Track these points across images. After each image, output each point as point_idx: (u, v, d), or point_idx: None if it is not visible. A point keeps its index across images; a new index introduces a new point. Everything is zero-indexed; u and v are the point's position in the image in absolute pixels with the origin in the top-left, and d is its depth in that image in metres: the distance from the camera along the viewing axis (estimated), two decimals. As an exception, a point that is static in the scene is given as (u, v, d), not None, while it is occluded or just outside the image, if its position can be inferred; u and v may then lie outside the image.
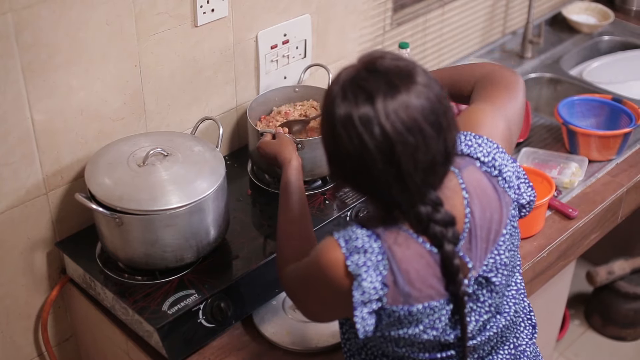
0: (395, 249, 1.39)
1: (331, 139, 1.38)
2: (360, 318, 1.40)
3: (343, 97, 1.34)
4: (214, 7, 2.04)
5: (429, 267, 1.40)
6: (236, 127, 2.27)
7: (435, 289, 1.41)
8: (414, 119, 1.32)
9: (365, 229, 1.41)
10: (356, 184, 1.42)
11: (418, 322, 1.43)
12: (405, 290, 1.39)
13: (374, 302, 1.40)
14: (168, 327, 1.75)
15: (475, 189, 1.47)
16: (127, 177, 1.80)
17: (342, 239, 1.41)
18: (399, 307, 1.40)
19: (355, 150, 1.34)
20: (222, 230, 1.90)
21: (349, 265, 1.39)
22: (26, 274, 1.96)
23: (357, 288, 1.39)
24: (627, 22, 3.31)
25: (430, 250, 1.41)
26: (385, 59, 1.36)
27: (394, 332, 1.44)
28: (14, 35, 1.71)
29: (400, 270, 1.39)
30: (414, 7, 2.66)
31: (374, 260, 1.39)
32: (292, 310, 1.92)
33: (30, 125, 1.82)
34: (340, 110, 1.34)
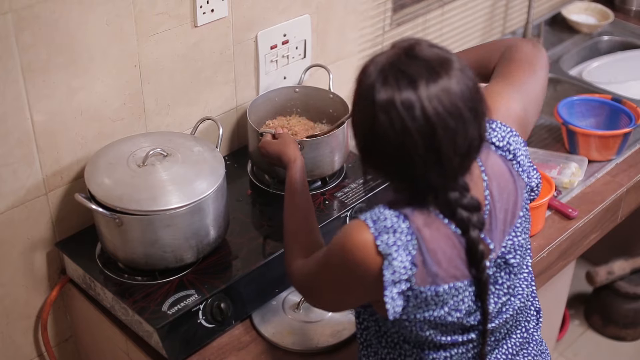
0: (424, 230, 1.40)
1: (369, 124, 1.36)
2: (390, 298, 1.40)
3: (384, 81, 1.34)
4: (213, 7, 2.04)
5: (455, 248, 1.42)
6: (236, 127, 2.27)
7: (460, 269, 1.43)
8: (455, 104, 1.33)
9: (393, 210, 1.42)
10: (391, 171, 1.41)
11: (444, 303, 1.44)
12: (433, 270, 1.40)
13: (403, 282, 1.40)
14: (168, 327, 1.75)
15: (493, 172, 1.49)
16: (126, 177, 1.80)
17: (370, 219, 1.41)
18: (427, 288, 1.41)
19: (396, 135, 1.33)
20: (222, 231, 1.91)
21: (379, 245, 1.39)
22: (26, 274, 1.96)
23: (388, 267, 1.39)
24: (627, 22, 3.31)
25: (455, 231, 1.42)
26: (422, 45, 1.37)
27: (419, 315, 1.45)
28: (14, 35, 1.71)
29: (428, 250, 1.40)
30: (414, 7, 2.66)
31: (403, 240, 1.39)
32: (292, 311, 1.92)
33: (30, 125, 1.82)
34: (382, 95, 1.33)
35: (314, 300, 1.61)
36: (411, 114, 1.32)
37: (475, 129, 1.36)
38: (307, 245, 1.66)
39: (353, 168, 2.22)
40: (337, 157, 2.12)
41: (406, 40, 1.39)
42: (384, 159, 1.40)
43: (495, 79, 1.67)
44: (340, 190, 2.13)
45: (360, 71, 1.40)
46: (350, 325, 1.88)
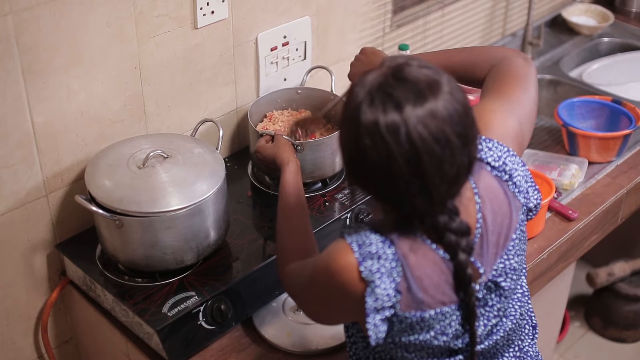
0: (410, 256, 1.38)
1: (354, 145, 1.34)
2: (373, 325, 1.38)
3: (370, 103, 1.31)
4: (213, 9, 2.04)
5: (442, 273, 1.39)
6: (236, 129, 2.27)
7: (447, 295, 1.40)
8: (441, 129, 1.29)
9: (379, 235, 1.39)
10: (376, 192, 1.39)
11: (429, 328, 1.41)
12: (419, 296, 1.38)
13: (387, 309, 1.38)
14: (168, 329, 1.75)
15: (487, 193, 1.45)
16: (127, 179, 1.80)
17: (355, 243, 1.39)
18: (412, 314, 1.39)
19: (380, 159, 1.30)
20: (222, 232, 1.90)
21: (362, 271, 1.36)
22: (26, 276, 1.96)
23: (371, 294, 1.36)
24: (627, 24, 3.31)
25: (444, 257, 1.39)
26: (412, 66, 1.33)
27: (404, 338, 1.43)
28: (14, 37, 1.71)
29: (413, 277, 1.37)
30: (414, 9, 2.66)
31: (387, 267, 1.36)
32: (292, 312, 1.92)
33: (30, 127, 1.82)
34: (367, 117, 1.30)
35: (304, 308, 1.58)
36: (396, 138, 1.29)
37: (464, 155, 1.33)
38: (300, 249, 1.63)
39: (353, 170, 2.22)
40: (338, 159, 2.11)
41: (396, 59, 1.36)
42: (368, 181, 1.37)
43: (488, 95, 1.64)
44: (340, 191, 2.13)
45: (348, 90, 1.38)
46: (350, 326, 1.88)
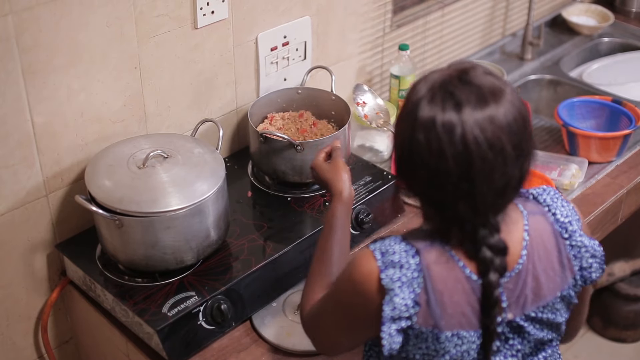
0: (433, 268, 1.36)
1: (408, 140, 1.34)
2: (388, 334, 1.37)
3: (430, 99, 1.31)
4: (214, 9, 2.04)
5: (465, 293, 1.37)
6: (236, 129, 2.27)
7: (466, 317, 1.38)
8: (498, 136, 1.29)
9: (405, 243, 1.38)
10: (422, 192, 1.38)
11: (445, 352, 1.39)
12: (437, 312, 1.36)
13: (403, 319, 1.36)
14: (168, 329, 1.75)
15: (537, 238, 1.43)
16: (127, 179, 1.80)
17: (379, 251, 1.38)
18: (428, 330, 1.37)
19: (431, 157, 1.30)
20: (222, 232, 1.91)
21: (383, 279, 1.36)
22: (26, 276, 1.96)
23: (388, 303, 1.35)
24: (627, 24, 3.31)
25: (469, 276, 1.38)
26: (477, 70, 1.33)
27: (418, 356, 1.41)
28: (14, 37, 1.71)
29: (434, 290, 1.36)
30: (414, 9, 2.66)
31: (409, 277, 1.35)
32: (293, 312, 1.92)
33: (30, 127, 1.82)
34: (424, 113, 1.30)
35: (320, 337, 1.55)
36: (450, 138, 1.28)
37: (515, 167, 1.32)
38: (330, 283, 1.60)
39: (353, 170, 2.22)
40: (338, 159, 2.11)
41: (463, 63, 1.35)
42: (416, 179, 1.36)
43: None
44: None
45: (412, 86, 1.38)
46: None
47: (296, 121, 2.21)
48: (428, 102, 1.31)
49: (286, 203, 2.09)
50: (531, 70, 3.01)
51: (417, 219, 2.22)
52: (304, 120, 2.22)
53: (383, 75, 2.65)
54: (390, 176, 2.19)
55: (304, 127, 2.19)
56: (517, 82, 2.96)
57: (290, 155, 2.05)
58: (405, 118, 1.35)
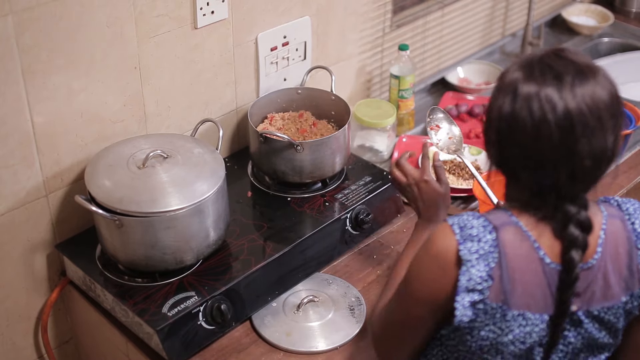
0: (509, 245, 1.40)
1: (507, 113, 1.37)
2: (461, 305, 1.40)
3: (529, 73, 1.36)
4: (213, 9, 2.04)
5: (536, 275, 1.40)
6: (236, 129, 2.27)
7: (534, 299, 1.41)
8: (597, 105, 1.34)
9: (483, 219, 1.42)
10: (519, 164, 1.40)
11: (509, 331, 1.42)
12: (508, 288, 1.39)
13: (476, 292, 1.39)
14: (168, 329, 1.75)
15: (612, 239, 1.46)
16: (127, 179, 1.80)
17: (457, 225, 1.42)
18: (497, 305, 1.40)
19: (533, 126, 1.34)
20: (222, 232, 1.90)
21: (461, 250, 1.39)
22: (26, 276, 1.96)
23: (465, 273, 1.39)
24: (627, 24, 3.31)
25: (543, 258, 1.40)
26: (571, 50, 1.40)
27: (484, 333, 1.43)
28: (14, 37, 1.71)
29: (508, 267, 1.39)
30: (414, 9, 2.66)
31: (485, 250, 1.39)
32: (292, 312, 1.92)
33: (30, 127, 1.82)
34: (525, 87, 1.36)
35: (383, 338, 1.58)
36: (552, 106, 1.33)
37: (611, 138, 1.37)
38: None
39: (353, 170, 2.22)
40: (338, 159, 2.12)
41: (556, 46, 1.42)
42: (515, 151, 1.39)
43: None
44: (340, 192, 2.13)
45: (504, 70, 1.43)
46: (349, 327, 1.88)
47: (296, 121, 2.21)
48: (527, 75, 1.36)
49: (286, 203, 2.09)
50: (531, 71, 3.01)
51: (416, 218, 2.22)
52: (304, 120, 2.22)
53: (383, 75, 2.65)
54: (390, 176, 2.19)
55: (303, 127, 2.20)
56: (517, 82, 2.96)
57: (290, 156, 2.05)
58: (504, 92, 1.39)
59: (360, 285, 2.01)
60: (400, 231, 2.18)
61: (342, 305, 1.94)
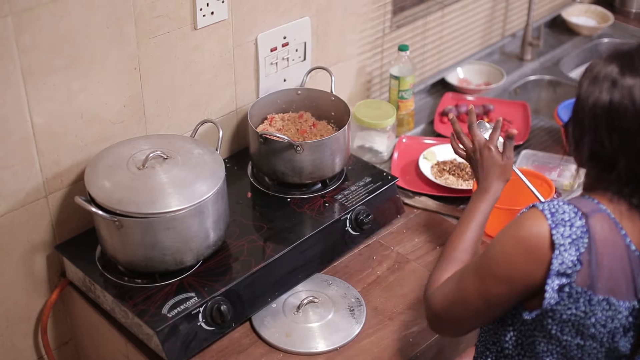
0: (597, 231, 1.43)
1: (607, 100, 1.42)
2: (551, 288, 1.42)
3: (629, 64, 1.42)
4: (213, 9, 2.04)
5: (621, 262, 1.43)
6: (236, 129, 2.27)
7: (618, 285, 1.43)
8: None
9: (573, 205, 1.44)
10: (620, 148, 1.44)
11: (592, 314, 1.44)
12: (595, 273, 1.42)
13: (565, 276, 1.42)
14: (168, 330, 1.75)
15: None
16: (126, 180, 1.80)
17: (548, 211, 1.44)
18: (583, 290, 1.42)
19: (635, 111, 1.40)
20: (222, 233, 1.90)
21: (554, 235, 1.42)
22: (26, 277, 1.96)
23: (557, 257, 1.41)
24: (627, 24, 3.31)
25: (629, 245, 1.44)
26: None
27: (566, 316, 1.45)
28: (14, 37, 1.71)
29: (597, 252, 1.42)
30: (414, 10, 2.66)
31: (577, 235, 1.42)
32: (292, 313, 1.91)
33: (30, 128, 1.82)
34: (624, 77, 1.41)
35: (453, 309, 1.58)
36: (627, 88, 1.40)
37: None
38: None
39: (353, 170, 2.22)
40: (338, 160, 2.12)
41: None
42: (614, 139, 1.43)
43: None
44: (340, 192, 2.13)
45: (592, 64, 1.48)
46: (349, 328, 1.88)
47: (296, 122, 2.21)
48: (627, 66, 1.43)
49: (286, 204, 2.09)
50: (531, 71, 3.01)
51: (416, 219, 2.22)
52: (304, 121, 2.22)
53: (383, 76, 2.65)
54: (390, 177, 2.19)
55: (303, 127, 2.20)
56: (516, 82, 2.96)
57: (290, 156, 2.05)
58: (600, 82, 1.44)
59: (360, 286, 2.01)
60: (400, 232, 2.18)
61: (342, 306, 1.94)
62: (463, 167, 2.40)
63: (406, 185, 2.34)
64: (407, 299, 1.97)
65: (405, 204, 2.25)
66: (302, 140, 2.14)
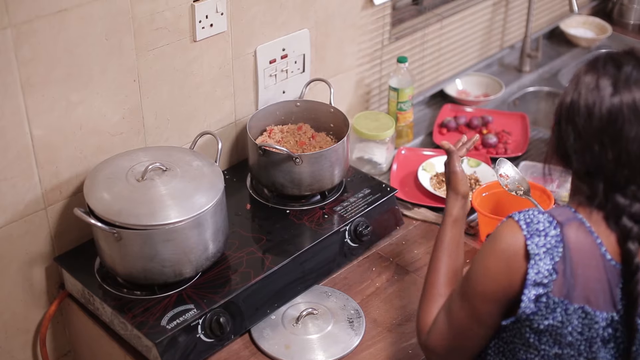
0: (572, 241, 1.43)
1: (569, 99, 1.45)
2: (527, 298, 1.42)
3: (593, 65, 1.45)
4: (212, 22, 2.04)
5: (597, 270, 1.43)
6: (235, 141, 2.28)
7: (594, 294, 1.43)
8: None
9: (547, 215, 1.45)
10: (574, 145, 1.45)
11: (569, 323, 1.44)
12: (571, 282, 1.42)
13: (542, 286, 1.42)
14: (167, 342, 1.74)
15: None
16: (125, 191, 1.80)
17: (523, 221, 1.45)
18: (560, 299, 1.42)
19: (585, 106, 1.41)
20: (221, 245, 1.90)
21: (529, 245, 1.42)
22: (25, 289, 1.96)
23: (533, 267, 1.42)
24: (625, 36, 3.32)
25: (604, 255, 1.43)
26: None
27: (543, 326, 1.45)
28: (13, 50, 1.71)
29: (571, 261, 1.42)
30: (412, 22, 2.66)
31: (552, 244, 1.42)
32: (291, 325, 1.91)
33: (29, 140, 1.82)
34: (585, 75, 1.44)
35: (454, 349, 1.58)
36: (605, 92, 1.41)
37: None
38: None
39: (352, 182, 2.22)
40: (337, 171, 2.12)
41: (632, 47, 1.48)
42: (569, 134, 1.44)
43: None
44: (339, 204, 2.13)
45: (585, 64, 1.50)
46: (348, 340, 1.88)
47: (295, 134, 2.22)
48: (590, 67, 1.45)
49: (285, 215, 2.09)
50: (529, 82, 3.01)
51: (415, 230, 2.22)
52: (303, 132, 2.22)
53: (381, 87, 2.65)
54: (389, 188, 2.19)
55: (302, 139, 2.20)
56: (515, 94, 2.97)
57: (289, 168, 2.05)
58: (569, 85, 1.47)
59: (360, 297, 2.01)
60: (400, 243, 2.18)
61: (341, 317, 1.94)
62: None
63: (405, 196, 2.34)
64: (406, 311, 1.97)
65: (404, 215, 2.25)
66: (301, 152, 2.14)
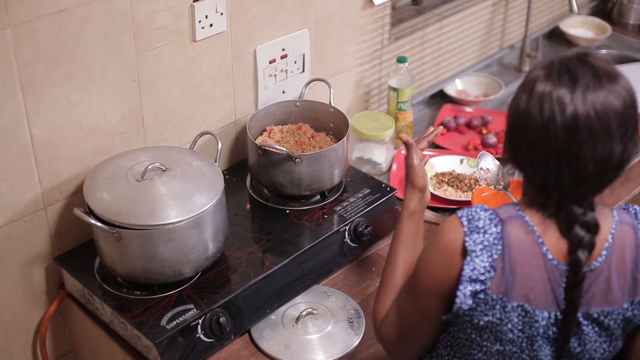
0: (513, 239, 1.44)
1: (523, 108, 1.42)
2: (462, 294, 1.43)
3: (548, 74, 1.41)
4: (212, 22, 2.04)
5: (538, 269, 1.43)
6: (235, 141, 2.28)
7: (534, 293, 1.44)
8: (606, 113, 1.37)
9: (490, 212, 1.46)
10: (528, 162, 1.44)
11: (508, 320, 1.45)
12: (509, 280, 1.43)
13: (479, 282, 1.43)
14: (167, 341, 1.74)
15: (619, 244, 1.48)
16: (125, 191, 1.80)
17: (465, 217, 1.46)
18: (498, 297, 1.43)
19: (542, 124, 1.38)
20: (221, 245, 1.90)
21: (467, 242, 1.44)
22: (24, 289, 1.96)
23: (469, 263, 1.43)
24: (624, 36, 3.32)
25: (545, 254, 1.44)
26: (596, 57, 1.43)
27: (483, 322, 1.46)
28: (13, 50, 1.71)
29: (510, 259, 1.43)
30: (412, 22, 2.67)
31: (490, 241, 1.43)
32: (291, 325, 1.91)
33: (29, 140, 1.82)
34: (541, 86, 1.40)
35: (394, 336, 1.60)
36: (562, 108, 1.37)
37: (618, 146, 1.39)
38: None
39: (352, 182, 2.22)
40: (337, 171, 2.12)
41: (584, 50, 1.45)
42: (524, 147, 1.43)
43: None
44: (339, 204, 2.13)
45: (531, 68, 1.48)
46: (348, 340, 1.88)
47: (295, 134, 2.22)
48: (546, 76, 1.41)
49: (285, 215, 2.09)
50: (529, 82, 3.01)
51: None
52: (303, 132, 2.22)
53: (381, 87, 2.65)
54: (389, 188, 2.19)
55: (302, 139, 2.20)
56: (515, 94, 2.96)
57: (289, 168, 2.05)
58: (523, 88, 1.44)
59: (359, 297, 2.01)
60: (399, 243, 2.18)
61: (341, 317, 1.94)
62: (462, 178, 2.40)
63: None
64: (406, 311, 1.97)
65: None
66: (300, 151, 2.14)
